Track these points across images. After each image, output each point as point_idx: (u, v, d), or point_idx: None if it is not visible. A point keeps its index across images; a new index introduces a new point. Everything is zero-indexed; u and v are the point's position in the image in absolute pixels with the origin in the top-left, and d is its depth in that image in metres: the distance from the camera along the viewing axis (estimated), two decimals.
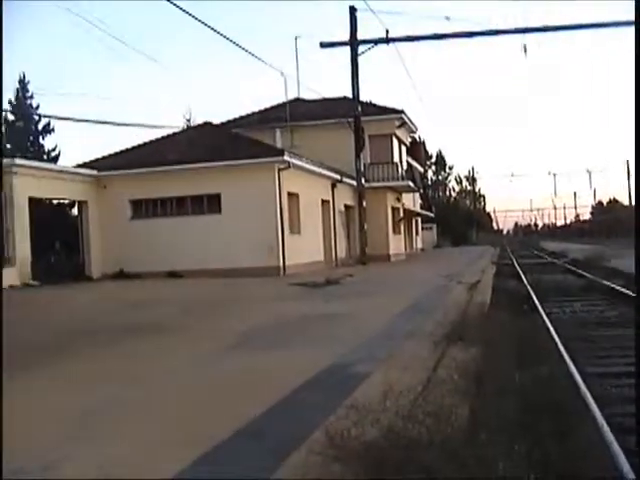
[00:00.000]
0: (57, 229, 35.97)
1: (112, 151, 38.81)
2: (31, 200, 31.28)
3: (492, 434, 6.11)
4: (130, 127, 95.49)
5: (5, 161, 32.41)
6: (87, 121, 60.92)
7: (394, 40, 42.92)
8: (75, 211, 38.55)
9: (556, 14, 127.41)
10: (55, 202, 37.71)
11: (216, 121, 46.12)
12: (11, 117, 53.52)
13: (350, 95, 43.54)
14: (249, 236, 32.83)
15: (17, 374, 10.03)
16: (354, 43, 42.51)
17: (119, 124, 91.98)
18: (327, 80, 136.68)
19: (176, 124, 62.94)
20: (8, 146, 52.49)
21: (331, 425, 6.14)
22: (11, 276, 28.94)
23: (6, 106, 52.67)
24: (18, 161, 32.14)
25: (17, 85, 54.44)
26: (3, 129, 52.74)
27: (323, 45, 43.25)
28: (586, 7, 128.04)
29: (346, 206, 45.68)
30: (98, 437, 6.62)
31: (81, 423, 7.12)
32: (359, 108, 42.67)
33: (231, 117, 50.97)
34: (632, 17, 5.81)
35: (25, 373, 10.12)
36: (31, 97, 54.69)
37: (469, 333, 11.79)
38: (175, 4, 23.01)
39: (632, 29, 5.74)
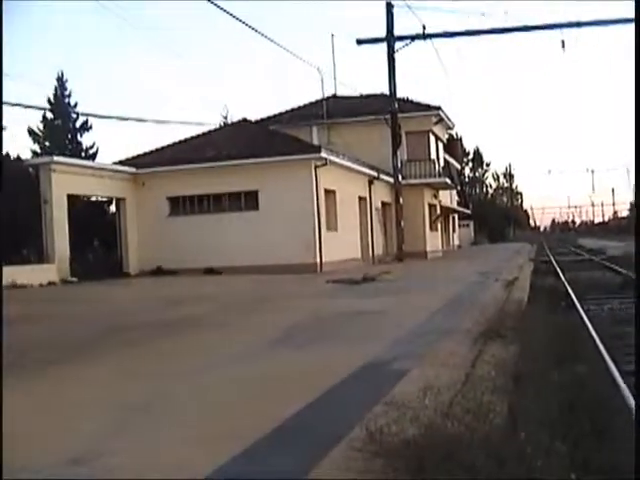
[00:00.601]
0: (95, 226, 36.16)
1: (150, 148, 39.07)
2: (69, 197, 31.50)
3: (531, 432, 6.09)
4: (168, 124, 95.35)
5: (44, 159, 32.75)
6: (125, 119, 61.35)
7: (431, 36, 42.79)
8: (113, 208, 38.76)
9: (593, 9, 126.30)
10: (93, 199, 37.87)
11: (253, 118, 46.20)
12: (50, 115, 53.74)
13: (387, 91, 43.48)
14: (286, 233, 32.88)
15: (58, 370, 10.14)
16: (391, 39, 42.45)
17: (157, 121, 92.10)
18: (364, 77, 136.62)
19: (213, 121, 63.14)
20: (47, 144, 52.82)
21: (371, 422, 6.15)
22: (50, 273, 29.22)
23: (45, 104, 52.94)
24: (57, 159, 32.47)
25: (56, 83, 54.67)
26: (40, 127, 53.10)
27: (360, 42, 43.22)
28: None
29: (383, 203, 45.61)
30: (139, 432, 6.67)
31: (122, 418, 7.17)
32: (396, 105, 42.62)
33: (268, 114, 51.03)
34: None
35: (66, 369, 10.21)
36: (69, 95, 54.88)
37: (507, 330, 11.75)
38: (214, 3, 23.09)
39: None
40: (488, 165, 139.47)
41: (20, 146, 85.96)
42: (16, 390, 8.72)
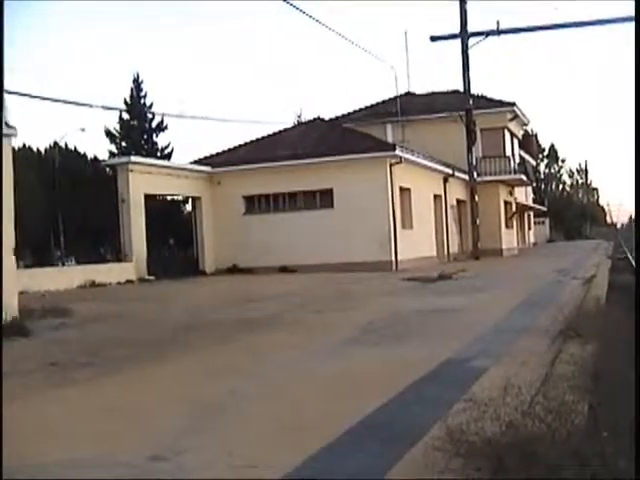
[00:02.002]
0: (171, 225, 36.56)
1: (224, 148, 39.33)
2: (146, 197, 31.86)
3: (614, 432, 6.04)
4: (242, 123, 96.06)
5: (121, 159, 33.17)
6: (200, 118, 61.83)
7: (505, 32, 42.46)
8: (188, 207, 39.12)
9: None
10: (168, 198, 38.26)
11: (327, 117, 46.28)
12: (126, 116, 54.36)
13: (461, 88, 43.27)
14: (361, 231, 32.87)
15: (138, 367, 10.27)
16: (464, 36, 42.22)
17: (231, 121, 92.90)
18: (438, 74, 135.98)
19: (287, 120, 63.36)
20: (123, 144, 53.46)
21: (450, 419, 6.15)
22: (128, 271, 29.60)
23: (121, 105, 53.56)
24: (134, 159, 32.87)
25: (132, 85, 55.29)
26: (117, 128, 53.74)
27: (434, 39, 43.06)
28: None
29: (458, 200, 45.43)
30: (219, 429, 6.74)
31: (200, 416, 7.25)
32: (470, 101, 42.39)
33: (341, 112, 51.08)
34: None
35: (146, 366, 10.34)
36: (145, 96, 55.46)
37: (585, 329, 11.62)
38: (289, 2, 23.20)
39: None
40: (563, 161, 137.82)
41: (97, 147, 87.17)
42: (101, 385, 8.90)
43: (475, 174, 43.73)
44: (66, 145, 41.76)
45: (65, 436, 6.73)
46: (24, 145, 36.14)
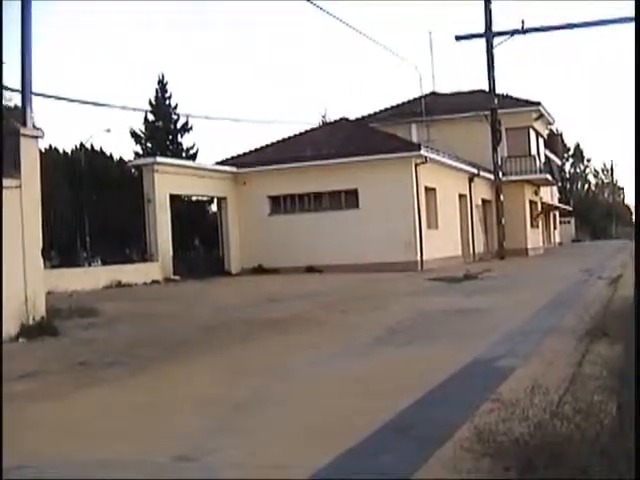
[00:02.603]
0: (196, 225, 36.63)
1: (249, 148, 39.43)
2: (171, 197, 31.95)
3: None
4: (267, 124, 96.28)
5: (147, 160, 33.30)
6: (223, 119, 61.94)
7: (530, 31, 42.36)
8: (213, 207, 39.18)
9: None
10: (193, 199, 38.31)
11: (352, 117, 46.26)
12: (151, 117, 54.57)
13: (486, 88, 43.21)
14: (387, 231, 32.83)
15: (165, 367, 10.33)
16: (489, 35, 42.16)
17: (256, 121, 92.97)
18: (463, 73, 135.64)
19: (312, 121, 63.43)
20: (149, 145, 53.68)
21: (478, 419, 6.15)
22: (153, 271, 29.71)
23: (146, 106, 53.78)
24: (159, 159, 33.07)
25: (157, 86, 55.50)
26: (142, 129, 53.93)
27: (458, 38, 43.04)
28: None
29: (483, 200, 45.36)
30: (247, 429, 6.77)
31: (229, 415, 7.28)
32: (495, 101, 42.33)
33: (366, 112, 51.07)
34: None
35: (173, 366, 10.40)
36: (170, 97, 55.66)
37: (613, 329, 11.58)
38: (313, 2, 23.23)
39: None
40: (589, 160, 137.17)
41: (123, 148, 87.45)
42: (129, 385, 8.96)
43: (500, 174, 43.68)
44: (92, 146, 41.86)
45: (93, 436, 6.78)
46: (50, 146, 36.24)
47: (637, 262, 5.77)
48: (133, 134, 54.64)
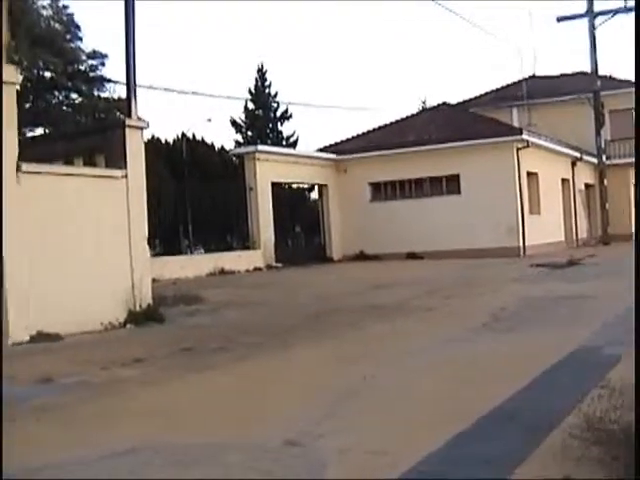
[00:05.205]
0: (297, 212, 36.81)
1: (350, 135, 39.42)
2: (272, 185, 32.14)
3: None
4: (367, 111, 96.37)
5: (249, 148, 33.58)
6: (323, 106, 62.11)
7: (633, 9, 41.50)
8: (313, 195, 39.33)
9: None
10: (294, 186, 38.51)
11: (452, 101, 45.95)
12: (251, 105, 55.06)
13: (588, 69, 42.51)
14: (488, 217, 32.52)
15: (271, 353, 10.41)
16: (591, 15, 41.43)
17: (356, 108, 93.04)
18: (564, 55, 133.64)
19: (412, 106, 63.20)
20: (249, 134, 54.15)
21: (587, 407, 6.08)
22: (256, 259, 29.97)
23: (246, 95, 54.30)
24: (261, 147, 33.33)
25: (256, 75, 55.97)
26: (242, 118, 54.36)
27: (560, 19, 42.37)
28: None
29: (586, 185, 44.62)
30: (354, 415, 6.80)
31: (336, 401, 7.31)
32: (598, 83, 41.59)
33: (467, 97, 50.66)
34: None
35: (279, 352, 10.48)
36: (269, 85, 56.08)
37: None
38: None
39: None
40: None
41: (224, 137, 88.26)
42: (236, 370, 9.07)
43: (604, 157, 42.94)
44: (193, 136, 42.40)
45: (203, 420, 6.88)
46: (152, 137, 36.82)
47: (637, 262, 5.61)
48: (233, 123, 55.20)
